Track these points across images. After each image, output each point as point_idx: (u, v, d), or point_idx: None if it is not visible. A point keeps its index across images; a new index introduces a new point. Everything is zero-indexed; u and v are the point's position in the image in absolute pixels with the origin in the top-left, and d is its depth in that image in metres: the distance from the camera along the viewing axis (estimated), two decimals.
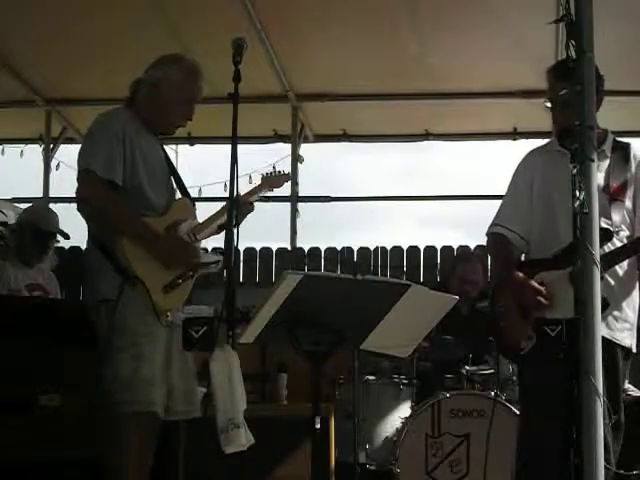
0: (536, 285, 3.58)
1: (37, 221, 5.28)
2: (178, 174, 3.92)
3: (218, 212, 3.75)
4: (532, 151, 3.93)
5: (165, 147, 3.96)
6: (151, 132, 3.80)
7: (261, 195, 3.99)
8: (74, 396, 3.97)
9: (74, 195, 3.64)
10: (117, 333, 3.46)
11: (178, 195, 3.90)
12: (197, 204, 3.90)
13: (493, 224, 3.88)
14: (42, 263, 5.36)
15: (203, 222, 3.79)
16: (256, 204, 3.92)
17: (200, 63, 3.88)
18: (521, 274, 3.66)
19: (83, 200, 3.63)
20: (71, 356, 4.00)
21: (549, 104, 3.75)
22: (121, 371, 3.47)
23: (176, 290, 3.61)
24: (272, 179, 4.04)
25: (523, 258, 3.90)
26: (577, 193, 2.96)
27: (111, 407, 3.48)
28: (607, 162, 3.68)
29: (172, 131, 3.88)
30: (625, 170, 3.69)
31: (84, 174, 3.59)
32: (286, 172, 4.12)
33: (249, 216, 3.89)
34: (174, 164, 3.96)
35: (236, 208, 3.24)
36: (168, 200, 3.78)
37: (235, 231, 3.14)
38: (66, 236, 5.44)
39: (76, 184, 3.62)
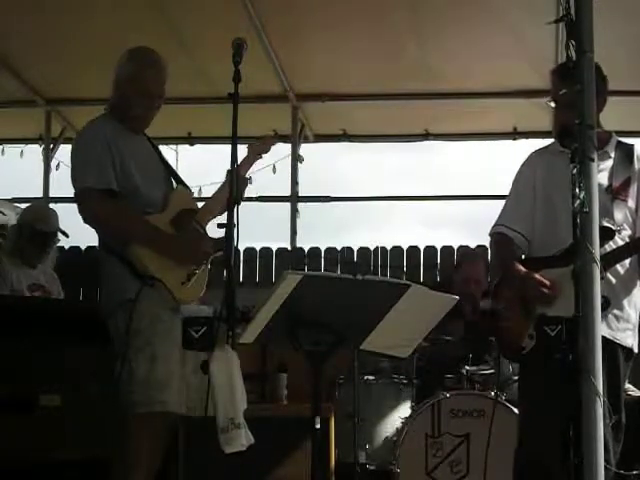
0: (539, 277, 3.59)
1: (35, 221, 5.27)
2: (170, 165, 3.93)
3: (215, 194, 3.75)
4: (534, 152, 3.94)
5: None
6: (133, 130, 3.80)
7: (252, 164, 3.92)
8: (75, 396, 3.97)
9: (74, 195, 3.64)
10: (133, 333, 3.47)
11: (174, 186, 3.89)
12: (197, 204, 3.89)
13: (496, 224, 3.90)
14: (42, 263, 5.36)
15: (202, 208, 3.79)
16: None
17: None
18: (524, 268, 3.68)
19: (87, 219, 3.65)
20: (72, 356, 4.00)
21: (553, 104, 3.75)
22: (136, 372, 3.48)
23: (193, 280, 3.63)
24: (257, 145, 3.99)
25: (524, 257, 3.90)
26: (577, 192, 2.96)
27: (125, 408, 3.48)
28: (610, 162, 3.69)
29: (141, 126, 3.83)
30: (628, 170, 3.70)
31: (81, 193, 3.62)
32: (271, 135, 4.08)
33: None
34: (164, 156, 3.95)
35: (236, 205, 3.23)
36: (166, 193, 3.78)
37: (235, 231, 3.14)
38: (65, 235, 5.44)
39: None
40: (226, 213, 3.21)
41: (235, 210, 3.19)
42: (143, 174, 3.70)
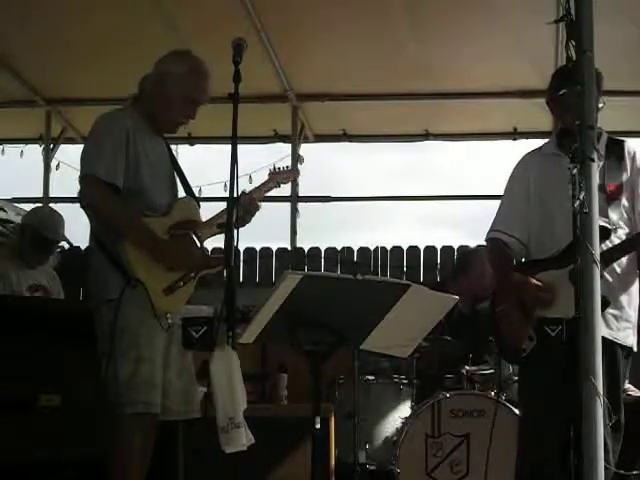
0: (535, 282, 3.59)
1: (41, 226, 5.23)
2: (183, 173, 3.89)
3: (222, 211, 3.74)
4: (527, 154, 3.94)
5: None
6: (155, 130, 3.78)
7: (268, 191, 3.96)
8: (74, 396, 3.97)
9: (74, 195, 3.64)
10: (118, 334, 3.45)
11: (182, 194, 3.87)
12: (200, 217, 3.85)
13: (491, 230, 3.89)
14: (43, 265, 5.35)
15: (206, 221, 3.78)
16: None
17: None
18: (519, 274, 3.68)
19: (85, 205, 3.63)
20: (71, 356, 4.00)
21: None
22: (121, 372, 3.48)
23: (177, 292, 3.60)
24: (279, 174, 4.01)
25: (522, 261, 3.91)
26: (577, 193, 2.96)
27: (112, 408, 3.48)
28: (602, 161, 3.68)
29: (174, 129, 3.84)
30: (620, 168, 3.69)
31: (86, 178, 3.59)
32: (293, 168, 4.10)
33: None
34: (179, 163, 3.93)
35: (237, 208, 3.23)
36: (171, 199, 3.76)
37: (235, 231, 3.13)
38: (70, 243, 5.43)
39: (77, 184, 3.62)
40: (226, 213, 3.20)
41: (235, 210, 3.18)
42: (152, 177, 3.67)
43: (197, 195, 4.12)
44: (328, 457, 4.65)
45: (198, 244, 3.72)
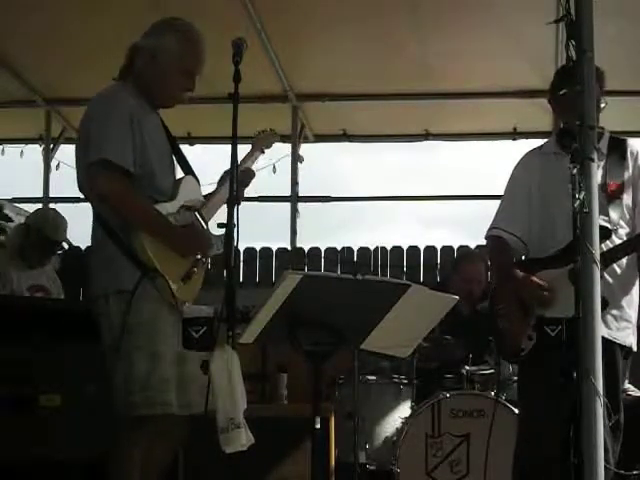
0: (536, 280, 3.59)
1: (47, 228, 5.23)
2: (179, 149, 3.73)
3: (220, 183, 3.65)
4: (528, 153, 3.93)
5: None
6: (151, 106, 3.58)
7: (255, 159, 3.83)
8: (74, 396, 3.97)
9: (74, 195, 3.58)
10: (131, 329, 3.28)
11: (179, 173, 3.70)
12: (202, 197, 3.73)
13: (491, 227, 3.88)
14: (44, 266, 5.35)
15: (208, 202, 3.64)
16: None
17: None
18: (520, 271, 3.68)
19: (99, 194, 3.37)
20: (71, 356, 4.00)
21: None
22: (136, 370, 3.29)
23: (193, 279, 3.48)
24: (262, 139, 3.86)
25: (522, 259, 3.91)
26: (577, 192, 2.97)
27: (124, 408, 3.31)
28: (604, 160, 3.68)
29: (173, 104, 3.65)
30: (622, 167, 3.69)
31: (97, 165, 3.34)
32: (273, 130, 3.97)
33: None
34: (174, 138, 3.73)
35: (237, 204, 3.20)
36: (173, 179, 3.60)
37: (235, 231, 3.13)
38: (70, 245, 5.44)
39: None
40: (226, 213, 3.18)
41: (235, 210, 3.17)
42: (158, 159, 3.50)
43: None
44: (328, 457, 4.65)
45: (204, 225, 3.60)
